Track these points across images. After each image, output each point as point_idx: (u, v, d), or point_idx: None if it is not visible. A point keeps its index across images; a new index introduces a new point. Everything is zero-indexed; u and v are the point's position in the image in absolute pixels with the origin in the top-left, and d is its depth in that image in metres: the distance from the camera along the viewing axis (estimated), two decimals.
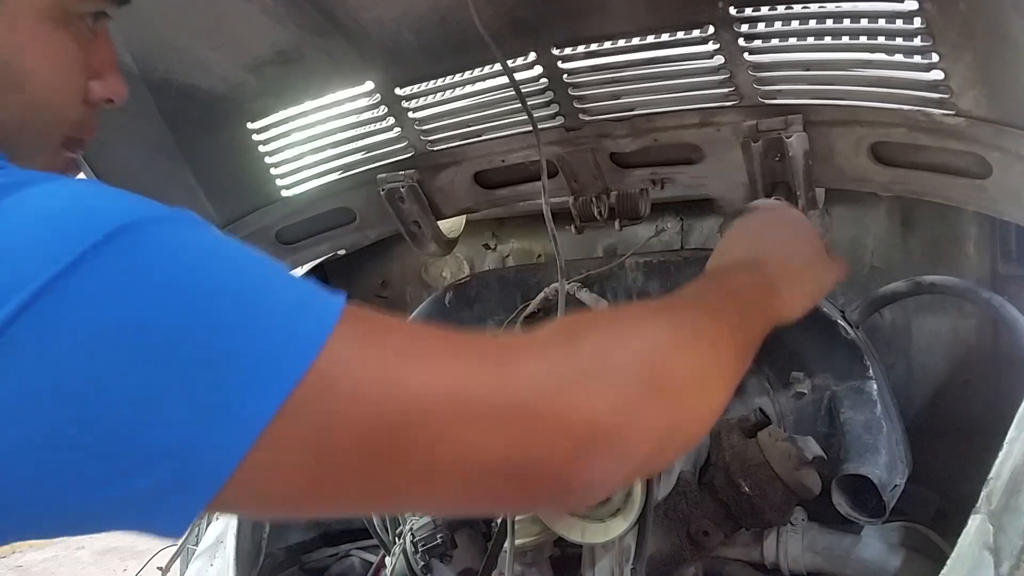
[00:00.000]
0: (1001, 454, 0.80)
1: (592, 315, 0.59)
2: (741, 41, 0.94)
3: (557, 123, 1.13)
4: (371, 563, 1.41)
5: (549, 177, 1.12)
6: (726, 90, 1.01)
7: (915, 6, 0.81)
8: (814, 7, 0.89)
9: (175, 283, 0.41)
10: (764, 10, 0.90)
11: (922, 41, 0.84)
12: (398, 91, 1.13)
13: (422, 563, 1.15)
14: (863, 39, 0.89)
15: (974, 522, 0.77)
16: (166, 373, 0.39)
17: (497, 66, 1.06)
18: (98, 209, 0.42)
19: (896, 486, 1.04)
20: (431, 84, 1.13)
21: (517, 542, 1.02)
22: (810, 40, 0.92)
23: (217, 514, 0.42)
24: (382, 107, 1.17)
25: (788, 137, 1.00)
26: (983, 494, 0.78)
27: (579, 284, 1.28)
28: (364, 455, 0.43)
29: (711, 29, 0.94)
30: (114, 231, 0.40)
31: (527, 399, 0.47)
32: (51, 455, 0.39)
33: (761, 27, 0.92)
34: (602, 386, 0.49)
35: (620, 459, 0.50)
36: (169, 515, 0.42)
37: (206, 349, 0.40)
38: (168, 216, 0.44)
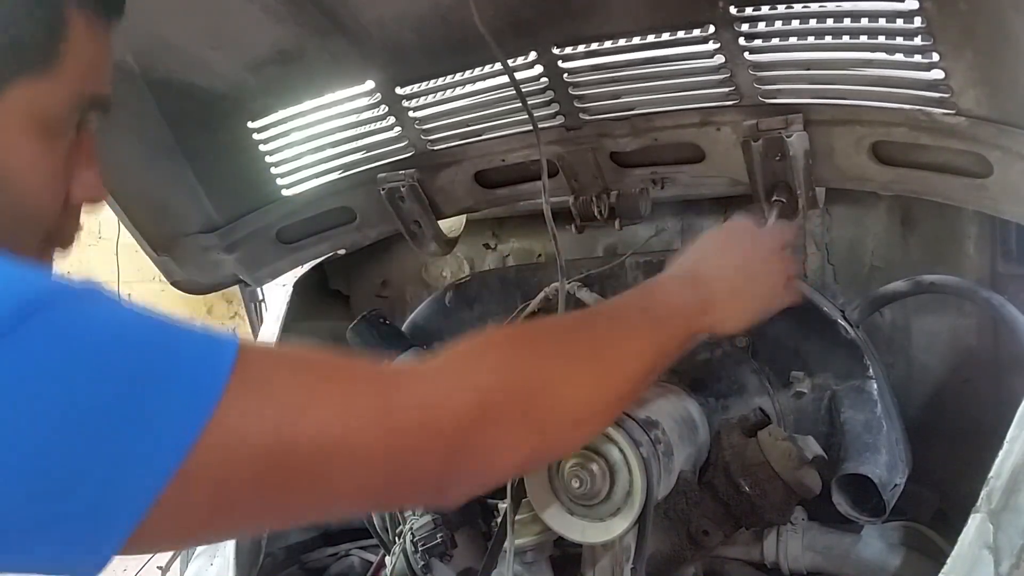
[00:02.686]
0: (1001, 453, 0.80)
1: (479, 342, 0.63)
2: (741, 40, 0.94)
3: (557, 122, 1.13)
4: (371, 563, 1.41)
5: (549, 176, 1.12)
6: (726, 89, 1.01)
7: (915, 5, 0.81)
8: (814, 6, 0.89)
9: (77, 357, 0.45)
10: (764, 9, 0.90)
11: (922, 40, 0.84)
12: (399, 90, 1.13)
13: (422, 563, 1.15)
14: (863, 38, 0.89)
15: (974, 521, 0.77)
16: (69, 439, 0.43)
17: (497, 65, 1.06)
18: (8, 287, 0.45)
19: (896, 485, 1.04)
20: (432, 83, 1.13)
21: (517, 542, 1.02)
22: (810, 39, 0.92)
23: (136, 552, 0.48)
24: (383, 106, 1.17)
25: (788, 136, 1.00)
26: (983, 493, 0.78)
27: (579, 284, 1.28)
28: (261, 492, 0.49)
29: (711, 28, 0.94)
30: (26, 308, 0.44)
31: (402, 431, 0.53)
32: None
33: (761, 26, 0.92)
34: (472, 417, 0.56)
35: (487, 473, 0.59)
36: (80, 569, 0.46)
37: (107, 414, 0.44)
38: (76, 293, 0.47)
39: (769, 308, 0.86)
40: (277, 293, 1.68)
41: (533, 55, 1.04)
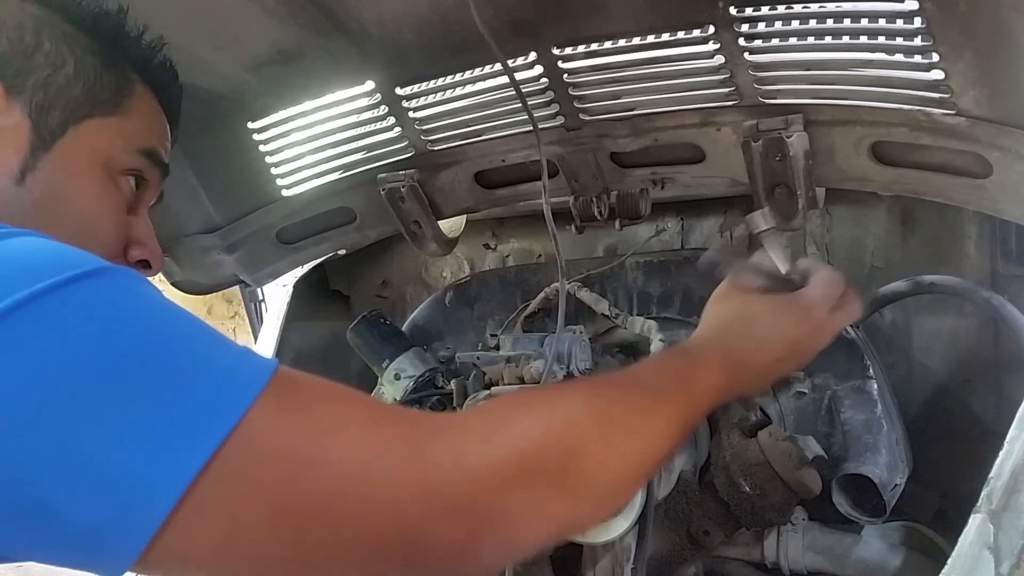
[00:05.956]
0: (1001, 453, 0.80)
1: (519, 397, 0.62)
2: (741, 41, 0.94)
3: (557, 123, 1.13)
4: None
5: (549, 177, 1.13)
6: (726, 90, 1.01)
7: (915, 6, 0.81)
8: (814, 7, 0.89)
9: (118, 330, 0.44)
10: (764, 10, 0.90)
11: (922, 41, 0.84)
12: (399, 91, 1.13)
13: None
14: (863, 39, 0.89)
15: (974, 521, 0.77)
16: (90, 427, 0.41)
17: (497, 66, 1.06)
18: (57, 258, 0.45)
19: (896, 485, 1.04)
20: (432, 84, 1.13)
21: None
22: (810, 40, 0.92)
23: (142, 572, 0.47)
24: (382, 107, 1.17)
25: (788, 137, 1.00)
26: (983, 493, 0.78)
27: (579, 284, 1.28)
28: (276, 522, 0.45)
29: (711, 29, 0.94)
30: (71, 277, 0.43)
31: (432, 483, 0.50)
32: None
33: (761, 27, 0.92)
34: (507, 476, 0.52)
35: (513, 542, 0.54)
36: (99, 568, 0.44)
37: (132, 406, 0.42)
38: (120, 271, 0.47)
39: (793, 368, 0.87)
40: (277, 293, 1.68)
41: (533, 55, 1.04)
